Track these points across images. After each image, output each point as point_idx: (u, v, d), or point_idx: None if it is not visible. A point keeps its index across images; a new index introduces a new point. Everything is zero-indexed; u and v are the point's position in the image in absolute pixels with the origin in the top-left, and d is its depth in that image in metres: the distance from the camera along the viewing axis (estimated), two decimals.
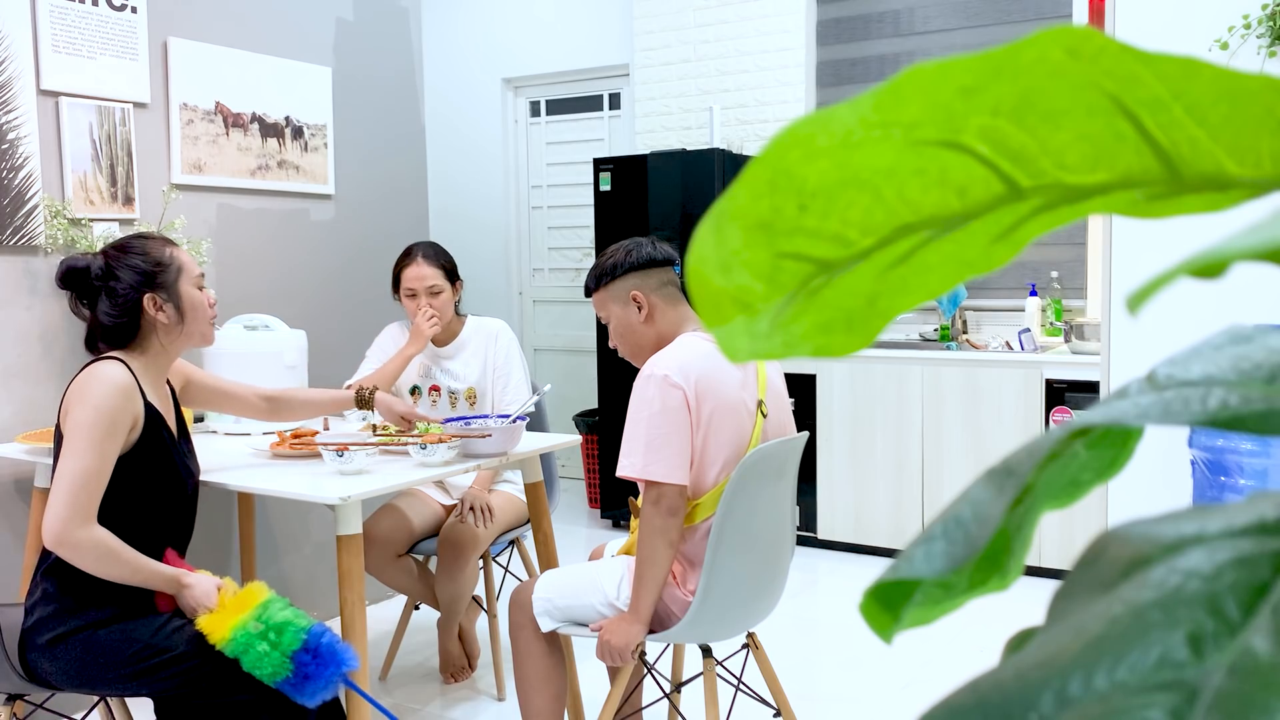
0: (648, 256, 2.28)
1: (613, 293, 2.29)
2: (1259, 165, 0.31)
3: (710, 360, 2.14)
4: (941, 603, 0.38)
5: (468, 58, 6.12)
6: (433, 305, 2.99)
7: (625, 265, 2.27)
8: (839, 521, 4.42)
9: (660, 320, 2.26)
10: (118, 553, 1.96)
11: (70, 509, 1.92)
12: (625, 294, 2.27)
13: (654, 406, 2.09)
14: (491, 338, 3.10)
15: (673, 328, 2.26)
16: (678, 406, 2.08)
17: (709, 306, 0.35)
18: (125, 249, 2.15)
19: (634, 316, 2.27)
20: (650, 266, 2.28)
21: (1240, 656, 0.24)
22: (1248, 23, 2.48)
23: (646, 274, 2.27)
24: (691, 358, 2.13)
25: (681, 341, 2.20)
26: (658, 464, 2.07)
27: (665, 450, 2.07)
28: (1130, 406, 0.33)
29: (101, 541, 1.95)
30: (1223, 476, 2.27)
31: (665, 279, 2.29)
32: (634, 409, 2.12)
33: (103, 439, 1.97)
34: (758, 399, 2.21)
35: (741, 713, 2.75)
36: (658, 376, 2.10)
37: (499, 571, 3.74)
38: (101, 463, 1.97)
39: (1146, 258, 2.56)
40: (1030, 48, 0.30)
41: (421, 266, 3.00)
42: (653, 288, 2.27)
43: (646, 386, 2.11)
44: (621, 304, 2.28)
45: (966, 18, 4.74)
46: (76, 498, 1.93)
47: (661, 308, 2.27)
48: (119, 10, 3.10)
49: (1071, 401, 3.94)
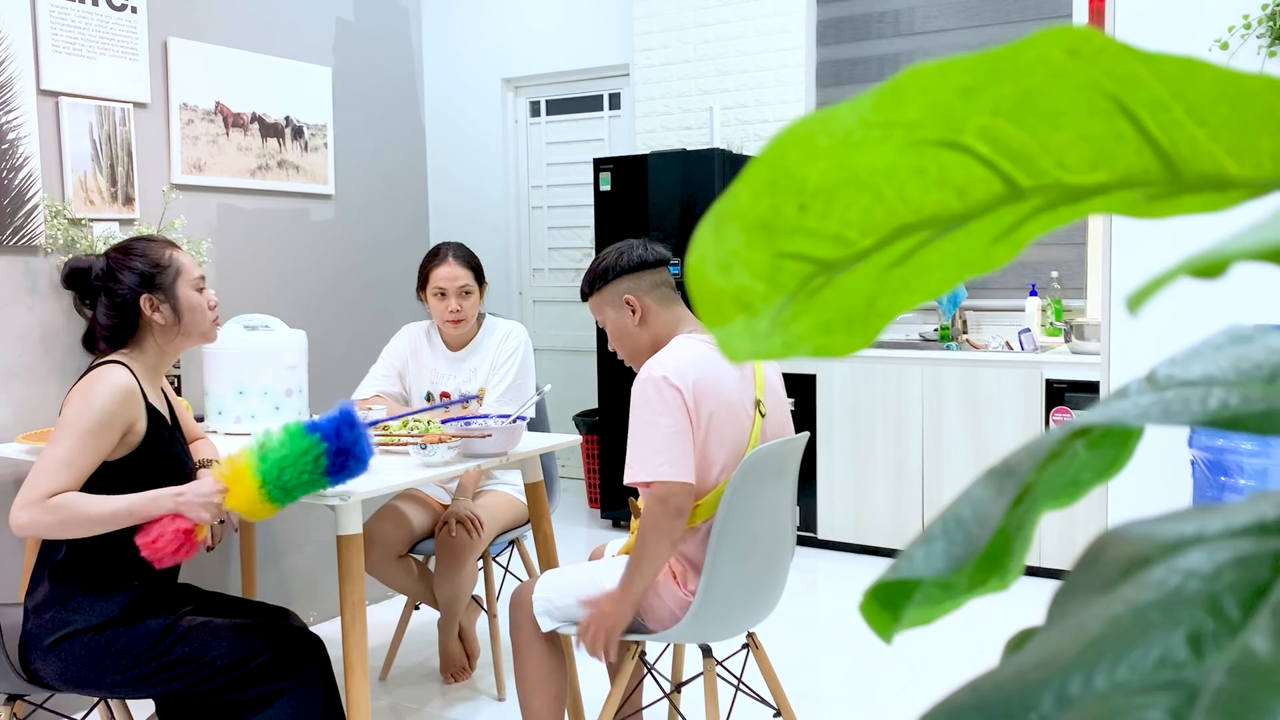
0: (639, 259, 2.27)
1: (606, 297, 2.28)
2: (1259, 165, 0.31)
3: (707, 362, 2.13)
4: (941, 603, 0.38)
5: (468, 58, 6.12)
6: (462, 305, 3.00)
7: (617, 269, 2.27)
8: (839, 521, 4.42)
9: (655, 322, 2.26)
10: (83, 507, 1.90)
11: (31, 492, 1.89)
12: (618, 298, 2.27)
13: (655, 408, 2.08)
14: (502, 338, 3.09)
15: (668, 329, 2.25)
16: (679, 407, 2.08)
17: (709, 306, 0.35)
18: (127, 251, 2.16)
19: (628, 320, 2.26)
20: (642, 269, 2.27)
21: (1240, 656, 0.24)
22: (1248, 23, 2.48)
23: (639, 276, 2.27)
24: (687, 360, 2.13)
25: (676, 344, 2.19)
26: (665, 464, 2.06)
27: (671, 450, 2.06)
28: (1130, 406, 0.33)
29: (57, 504, 1.89)
30: (1223, 476, 2.27)
31: (658, 280, 2.28)
32: (635, 412, 2.12)
33: (84, 434, 1.95)
34: (756, 399, 2.21)
35: (741, 713, 2.75)
36: (655, 378, 2.10)
37: (499, 571, 3.74)
38: (76, 455, 1.94)
39: (1146, 258, 2.56)
40: (1030, 48, 0.30)
41: (454, 266, 3.00)
42: (645, 290, 2.26)
43: (645, 388, 2.11)
44: (615, 308, 2.27)
45: (966, 18, 4.74)
46: (40, 484, 1.90)
47: (655, 309, 2.26)
48: (119, 10, 3.10)
49: (1071, 401, 3.94)
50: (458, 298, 3.00)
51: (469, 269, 3.02)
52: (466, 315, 3.02)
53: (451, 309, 2.99)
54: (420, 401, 3.14)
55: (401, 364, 3.16)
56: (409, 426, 2.68)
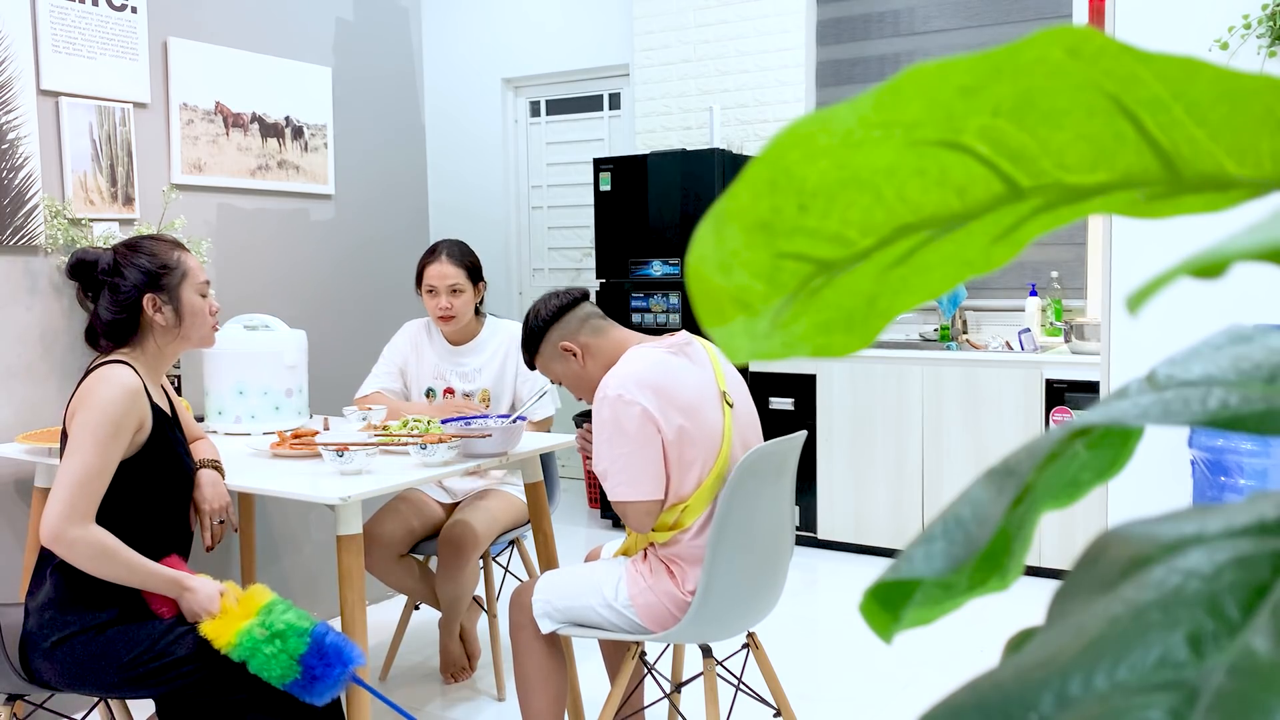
0: (556, 307, 2.30)
1: (546, 355, 2.32)
2: (1259, 165, 0.31)
3: (661, 366, 2.15)
4: (941, 603, 0.38)
5: (468, 58, 6.12)
6: (452, 303, 3.03)
7: (540, 324, 2.30)
8: (839, 521, 4.42)
9: (598, 354, 2.28)
10: (114, 552, 1.96)
11: (68, 506, 1.92)
12: (556, 349, 2.30)
13: (610, 429, 2.12)
14: (512, 341, 3.11)
15: (613, 353, 2.27)
16: (638, 423, 2.09)
17: (709, 306, 0.35)
18: (135, 248, 2.17)
19: (574, 365, 2.29)
20: (562, 314, 2.30)
21: (1240, 656, 0.24)
22: (1248, 23, 2.48)
23: (563, 322, 2.29)
24: (641, 368, 2.14)
25: (629, 356, 2.21)
26: (622, 485, 2.12)
27: (628, 471, 2.11)
28: (1130, 406, 0.33)
29: (97, 540, 1.94)
30: (1223, 476, 2.27)
31: (583, 315, 2.31)
32: (596, 432, 2.16)
33: (107, 440, 1.98)
34: (721, 390, 2.22)
35: (741, 713, 2.75)
36: (610, 397, 2.12)
37: (499, 571, 3.74)
38: (103, 464, 1.97)
39: (1146, 258, 2.56)
40: (1030, 48, 0.30)
41: (444, 265, 3.03)
42: (575, 330, 2.29)
43: (601, 409, 2.13)
44: (559, 360, 2.31)
45: (966, 18, 4.75)
46: (75, 496, 1.93)
47: (594, 344, 2.29)
48: (119, 10, 3.10)
49: (1071, 401, 3.94)
50: (447, 295, 3.03)
51: (461, 268, 3.05)
52: (457, 313, 3.04)
53: (441, 306, 3.03)
54: (420, 397, 3.16)
55: (402, 360, 3.18)
56: (409, 426, 2.68)
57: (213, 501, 2.24)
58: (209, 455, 2.32)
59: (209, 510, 2.23)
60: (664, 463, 2.12)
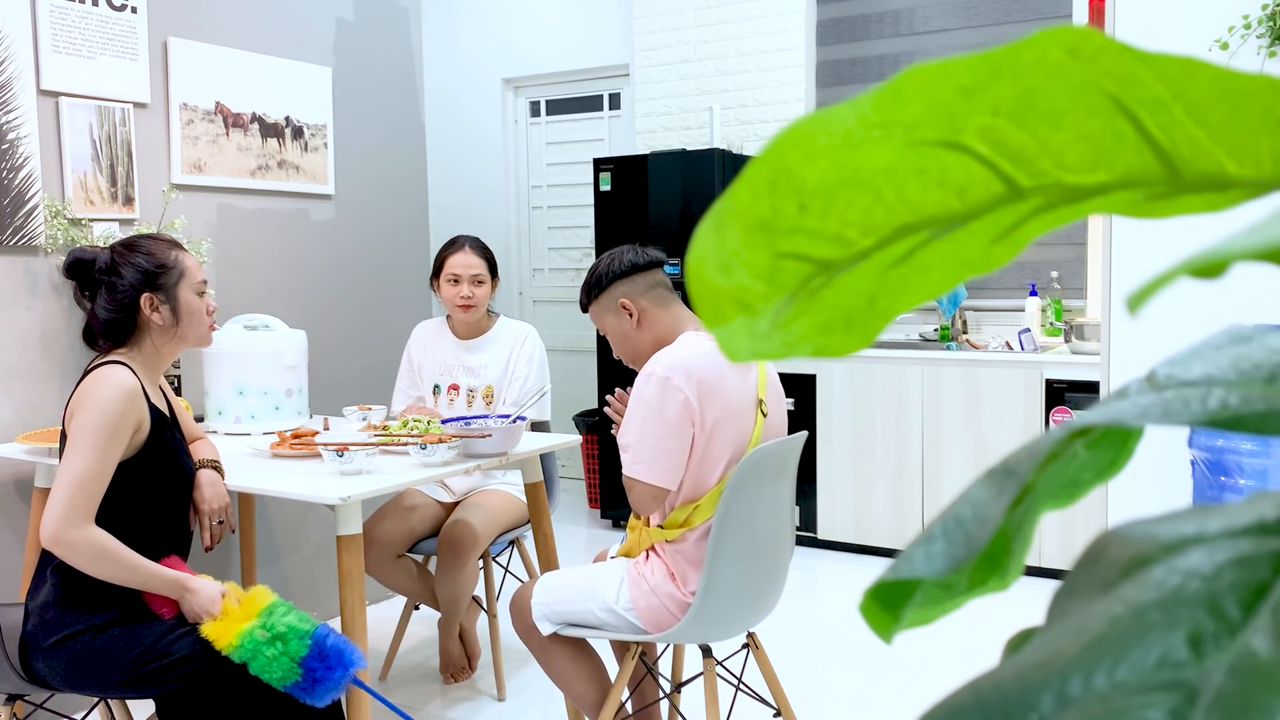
0: (630, 263, 2.29)
1: (603, 304, 2.30)
2: (1259, 165, 0.31)
3: (712, 359, 2.14)
4: (941, 603, 0.38)
5: (468, 58, 6.12)
6: (474, 293, 3.10)
7: (610, 275, 2.28)
8: (839, 521, 4.42)
9: (654, 324, 2.27)
10: (115, 553, 1.96)
11: (68, 508, 1.92)
12: (614, 303, 2.28)
13: (650, 407, 2.10)
14: (519, 340, 3.16)
15: (668, 330, 2.26)
16: (678, 411, 2.09)
17: (709, 306, 0.35)
18: (132, 247, 2.17)
19: (627, 324, 2.28)
20: (634, 272, 2.28)
21: (1240, 656, 0.24)
22: (1248, 23, 2.48)
23: (632, 280, 2.28)
24: (693, 356, 2.13)
25: (684, 340, 2.20)
26: (641, 464, 2.11)
27: (654, 452, 2.10)
28: (1130, 406, 0.33)
29: (97, 541, 1.94)
30: (1223, 476, 2.27)
31: (653, 282, 2.29)
32: (634, 405, 2.14)
33: (105, 441, 1.98)
34: (758, 398, 2.22)
35: (741, 713, 2.75)
36: (659, 377, 2.10)
37: (499, 571, 3.74)
38: (102, 465, 1.97)
39: (1146, 258, 2.56)
40: (1030, 48, 0.30)
41: (469, 255, 3.13)
42: (640, 292, 2.28)
43: (646, 386, 2.12)
44: (613, 314, 2.29)
45: (966, 18, 4.74)
46: (75, 497, 1.93)
47: (653, 311, 2.27)
48: (119, 10, 3.10)
49: (1071, 401, 3.94)
50: (470, 285, 3.10)
51: (484, 259, 3.15)
52: (477, 302, 3.11)
53: (463, 294, 3.09)
54: (427, 393, 3.20)
55: (419, 360, 3.24)
56: (409, 426, 2.68)
57: (212, 502, 2.24)
58: (208, 455, 2.32)
59: (208, 511, 2.23)
60: (688, 455, 2.12)
